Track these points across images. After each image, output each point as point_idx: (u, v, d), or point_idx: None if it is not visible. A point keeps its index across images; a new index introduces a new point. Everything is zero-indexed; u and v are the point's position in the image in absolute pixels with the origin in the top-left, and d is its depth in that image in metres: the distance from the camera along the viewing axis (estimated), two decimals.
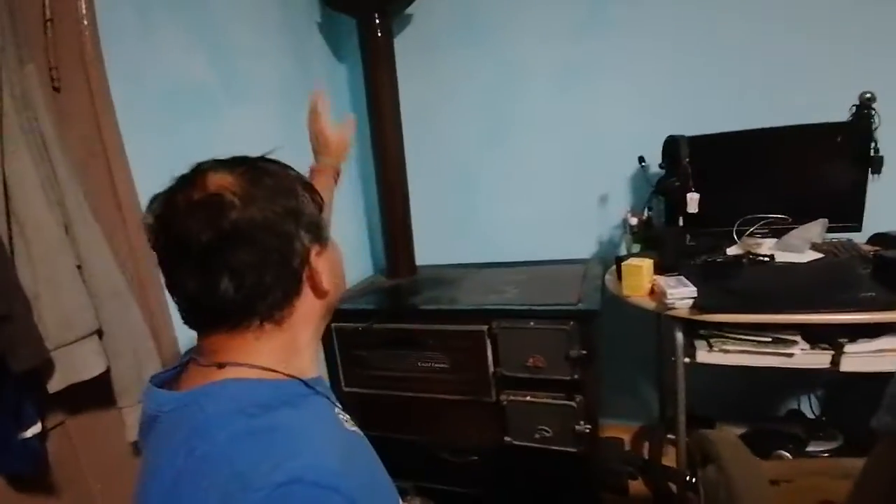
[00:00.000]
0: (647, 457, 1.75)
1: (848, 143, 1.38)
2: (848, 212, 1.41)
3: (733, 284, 1.21)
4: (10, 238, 0.81)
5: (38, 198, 0.84)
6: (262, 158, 0.53)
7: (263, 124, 1.54)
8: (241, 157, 0.52)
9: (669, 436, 1.71)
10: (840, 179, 1.41)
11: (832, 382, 1.63)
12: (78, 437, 1.02)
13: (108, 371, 0.96)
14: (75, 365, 0.87)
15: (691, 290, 1.17)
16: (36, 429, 0.87)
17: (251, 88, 1.51)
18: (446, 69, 1.87)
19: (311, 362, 0.54)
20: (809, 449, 1.38)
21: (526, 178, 1.86)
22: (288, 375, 0.49)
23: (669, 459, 1.66)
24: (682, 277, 1.25)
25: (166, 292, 0.50)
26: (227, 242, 0.44)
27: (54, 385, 0.86)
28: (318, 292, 0.52)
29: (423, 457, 1.60)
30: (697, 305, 1.15)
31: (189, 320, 0.49)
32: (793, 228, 1.40)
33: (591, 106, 1.71)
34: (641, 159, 1.55)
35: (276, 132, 1.56)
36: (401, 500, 0.55)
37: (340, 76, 1.99)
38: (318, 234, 0.52)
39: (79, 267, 0.89)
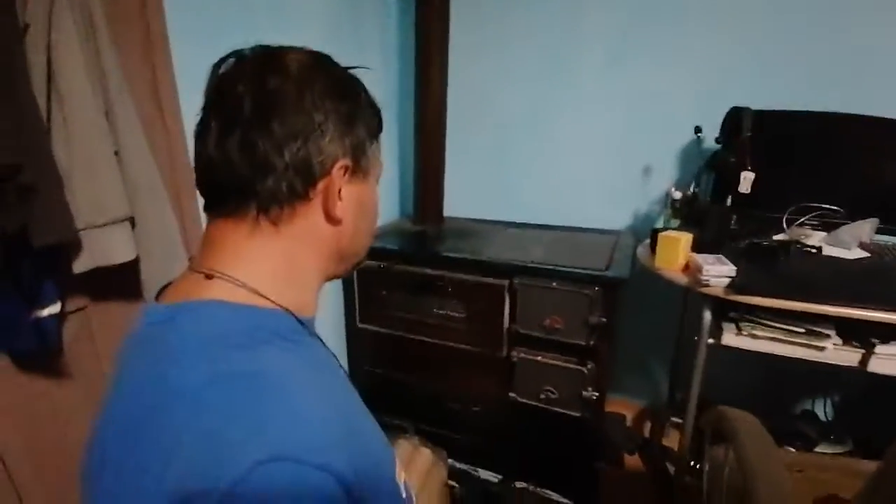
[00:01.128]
0: (647, 436, 1.74)
1: None
2: None
3: (776, 269, 1.15)
4: (49, 112, 0.80)
5: (81, 74, 0.81)
6: (350, 67, 0.51)
7: (309, 42, 1.49)
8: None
9: (674, 419, 1.70)
10: (893, 180, 1.31)
11: (850, 387, 1.58)
12: (98, 323, 1.05)
13: (135, 263, 0.96)
14: (104, 248, 0.87)
15: (730, 269, 1.12)
16: (54, 309, 0.86)
17: (296, 14, 1.45)
18: (501, 24, 1.77)
19: (309, 302, 0.49)
20: (818, 450, 1.35)
21: (569, 140, 1.78)
22: (281, 306, 0.44)
23: (670, 442, 1.65)
24: (721, 256, 1.19)
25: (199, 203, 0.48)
26: (257, 105, 0.42)
27: (80, 265, 0.86)
28: (330, 215, 0.46)
29: (426, 401, 1.62)
30: (734, 285, 1.10)
31: (204, 196, 0.46)
32: (844, 223, 1.31)
33: (650, 70, 1.61)
34: (698, 129, 1.46)
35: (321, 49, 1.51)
36: (396, 455, 0.50)
37: (391, 15, 1.90)
38: (357, 155, 0.48)
39: (116, 153, 0.88)
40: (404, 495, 0.48)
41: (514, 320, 1.41)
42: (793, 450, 1.36)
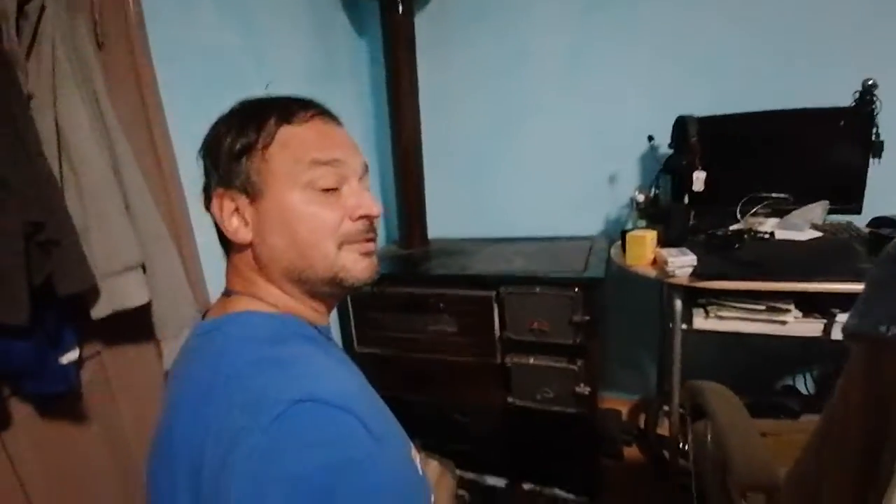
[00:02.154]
0: (642, 427, 1.82)
1: (850, 128, 1.42)
2: (849, 194, 1.46)
3: (733, 255, 1.27)
4: (61, 173, 0.88)
5: (88, 137, 0.89)
6: (274, 98, 0.56)
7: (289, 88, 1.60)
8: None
9: (665, 408, 1.78)
10: (842, 163, 1.46)
11: (828, 360, 1.69)
12: (112, 366, 1.10)
13: (146, 308, 1.03)
14: (121, 293, 0.95)
15: (692, 259, 1.24)
16: (73, 355, 0.92)
17: (279, 66, 1.58)
18: (462, 52, 1.92)
19: (316, 315, 0.57)
20: (801, 420, 1.45)
21: (537, 157, 1.92)
22: (293, 314, 0.54)
23: (664, 430, 1.74)
24: (684, 249, 1.31)
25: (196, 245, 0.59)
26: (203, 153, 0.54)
27: (99, 311, 0.93)
28: (234, 242, 0.53)
29: (429, 415, 1.68)
30: (696, 273, 1.21)
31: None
32: (794, 209, 1.45)
33: (601, 87, 1.76)
34: (650, 138, 1.60)
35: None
36: (412, 448, 0.55)
37: (362, 54, 2.05)
38: (228, 179, 0.52)
39: (126, 208, 0.96)
40: (420, 473, 0.54)
41: (504, 328, 1.50)
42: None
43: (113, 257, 0.92)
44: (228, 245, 0.55)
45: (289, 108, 0.53)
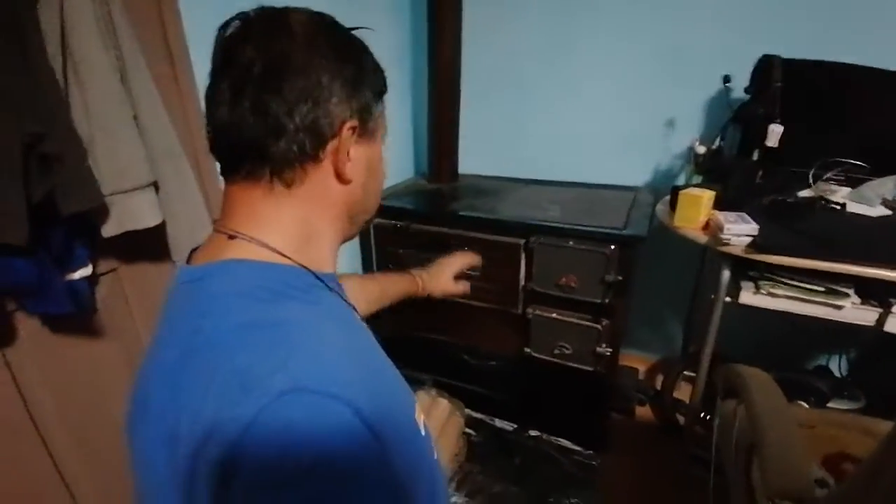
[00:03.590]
0: (659, 388, 1.79)
1: None
2: None
3: (798, 227, 1.13)
4: (66, 80, 0.79)
5: (94, 39, 0.80)
6: (353, 28, 0.51)
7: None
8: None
9: (686, 372, 1.73)
10: None
11: (866, 344, 1.58)
12: (129, 283, 1.09)
13: (163, 226, 0.98)
14: (131, 213, 0.89)
15: (752, 227, 1.10)
16: (85, 271, 0.89)
17: None
18: None
19: (327, 258, 0.52)
20: (830, 405, 1.37)
21: (587, 91, 1.72)
22: (299, 264, 0.47)
23: (681, 394, 1.70)
24: (744, 214, 1.17)
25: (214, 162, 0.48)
26: (267, 68, 0.43)
27: (109, 230, 0.89)
28: (340, 175, 0.48)
29: (444, 355, 1.68)
30: (756, 244, 1.08)
31: (219, 160, 0.48)
32: (869, 179, 1.27)
33: (676, 15, 1.51)
34: (727, 79, 1.39)
35: (334, 7, 1.45)
36: (416, 400, 0.53)
37: None
38: (364, 117, 0.49)
39: (134, 118, 0.88)
40: (423, 433, 0.51)
41: (529, 279, 1.42)
42: (805, 405, 1.38)
43: (121, 175, 0.85)
44: (271, 174, 0.45)
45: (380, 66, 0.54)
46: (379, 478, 0.37)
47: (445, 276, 1.14)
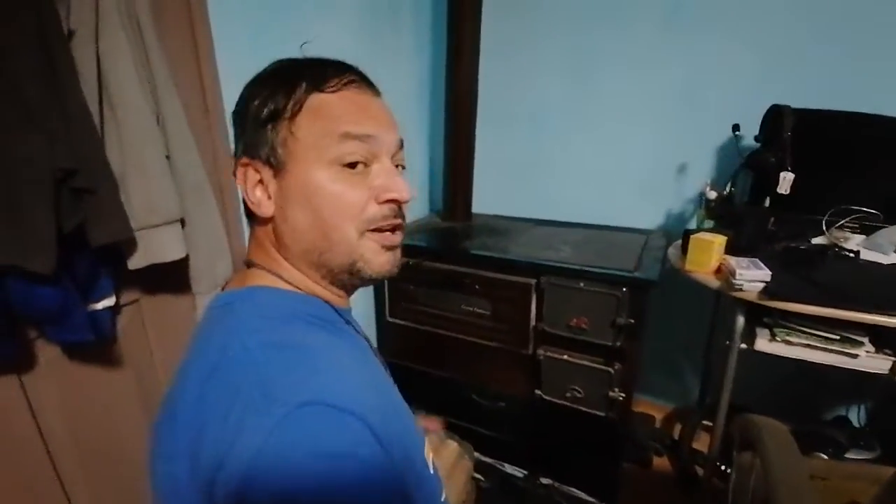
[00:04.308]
0: (676, 438, 1.72)
1: None
2: None
3: (811, 274, 1.12)
4: (102, 117, 0.85)
5: (132, 80, 0.85)
6: (309, 60, 0.50)
7: (345, 37, 1.53)
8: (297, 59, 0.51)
9: (705, 422, 1.67)
10: None
11: (884, 393, 1.51)
12: (149, 314, 1.12)
13: (184, 259, 1.02)
14: (157, 247, 0.94)
15: (764, 273, 1.09)
16: (108, 302, 0.92)
17: (336, 3, 1.48)
18: (534, 14, 1.76)
19: (330, 296, 0.52)
20: (848, 456, 1.32)
21: (601, 135, 1.76)
22: (313, 294, 0.50)
23: (700, 445, 1.63)
24: (756, 260, 1.16)
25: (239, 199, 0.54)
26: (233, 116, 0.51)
27: (135, 263, 0.93)
28: (256, 215, 0.50)
29: (453, 395, 1.66)
30: (769, 290, 1.07)
31: None
32: (883, 226, 1.26)
33: (688, 65, 1.57)
34: (736, 127, 1.42)
35: (358, 46, 1.55)
36: (427, 445, 0.52)
37: (424, 8, 1.92)
38: (251, 151, 0.48)
39: (167, 157, 0.94)
40: (432, 472, 0.52)
41: (540, 319, 1.42)
42: (824, 456, 1.32)
43: (151, 211, 0.90)
44: (251, 216, 0.52)
45: (322, 73, 0.48)
46: (390, 491, 0.38)
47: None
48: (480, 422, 1.64)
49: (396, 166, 0.52)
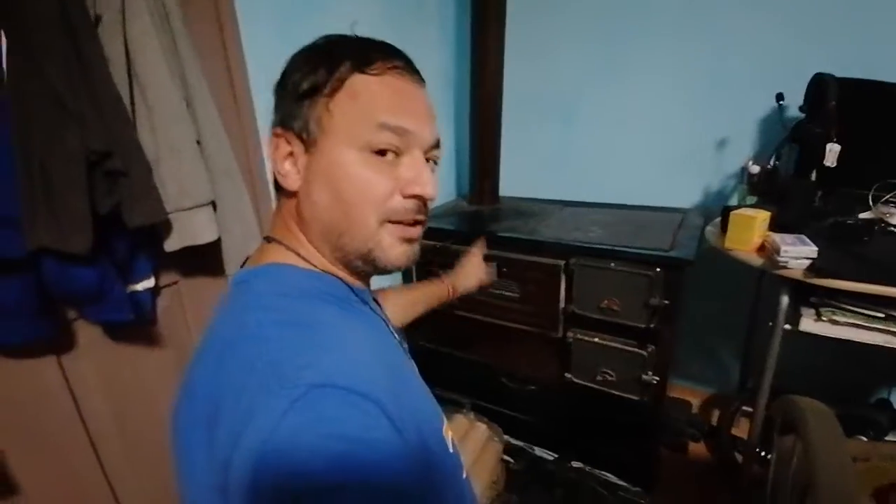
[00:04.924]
0: (715, 424, 1.67)
1: None
2: None
3: (859, 251, 1.05)
4: (133, 102, 0.87)
5: (160, 64, 0.87)
6: (357, 39, 0.51)
7: (368, 23, 1.52)
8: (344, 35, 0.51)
9: (745, 408, 1.61)
10: None
11: None
12: (188, 296, 1.17)
13: (219, 242, 1.05)
14: (191, 230, 0.97)
15: (811, 250, 1.03)
16: (148, 283, 0.96)
17: None
18: None
19: (351, 278, 0.52)
20: (889, 438, 1.24)
21: (634, 111, 1.69)
22: (330, 273, 0.50)
23: (739, 432, 1.57)
24: (802, 237, 1.09)
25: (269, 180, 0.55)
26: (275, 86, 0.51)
27: (171, 245, 0.97)
28: (283, 187, 0.50)
29: (483, 378, 1.65)
30: (816, 267, 1.01)
31: None
32: None
33: (728, 30, 1.47)
34: (780, 97, 1.33)
35: (381, 31, 1.53)
36: (445, 419, 0.52)
37: None
38: (288, 123, 0.48)
39: (197, 142, 0.96)
40: (451, 451, 0.51)
41: (570, 301, 1.39)
42: (864, 438, 1.26)
43: (184, 194, 0.93)
44: (279, 188, 0.52)
45: (368, 54, 0.47)
46: (403, 472, 0.37)
47: (472, 268, 1.15)
48: (510, 405, 1.63)
49: (428, 161, 0.51)
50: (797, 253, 1.04)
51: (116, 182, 0.79)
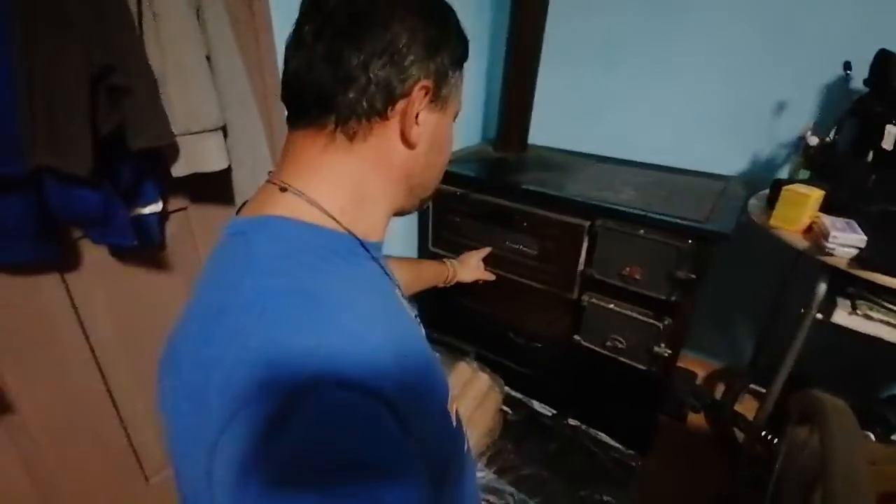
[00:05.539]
0: (718, 397, 1.66)
1: None
2: None
3: None
4: (140, 13, 0.79)
5: None
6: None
7: None
8: None
9: (753, 386, 1.59)
10: None
11: None
12: (197, 223, 1.13)
13: (229, 171, 1.00)
14: (199, 155, 0.91)
15: (860, 238, 0.95)
16: (155, 207, 0.92)
17: None
18: None
19: (376, 226, 0.50)
20: (894, 437, 1.21)
21: (682, 64, 1.53)
22: (346, 229, 0.45)
23: (741, 409, 1.57)
24: (852, 222, 1.00)
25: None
26: (348, 17, 0.43)
27: (178, 170, 0.91)
28: (406, 137, 0.46)
29: (490, 330, 1.64)
30: (863, 258, 0.93)
31: (287, 107, 0.48)
32: None
33: None
34: (847, 66, 1.18)
35: None
36: (451, 395, 0.50)
37: None
38: (439, 81, 0.47)
39: (207, 58, 0.88)
40: (454, 425, 0.50)
41: (590, 264, 1.33)
42: (871, 435, 1.24)
43: (191, 116, 0.87)
44: (350, 134, 0.45)
45: (466, 46, 0.52)
46: (406, 472, 0.35)
47: (474, 263, 1.30)
48: (515, 358, 1.63)
49: None
50: (846, 240, 0.96)
51: (120, 100, 0.73)
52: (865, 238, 0.96)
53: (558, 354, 1.52)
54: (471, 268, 1.29)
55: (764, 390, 1.51)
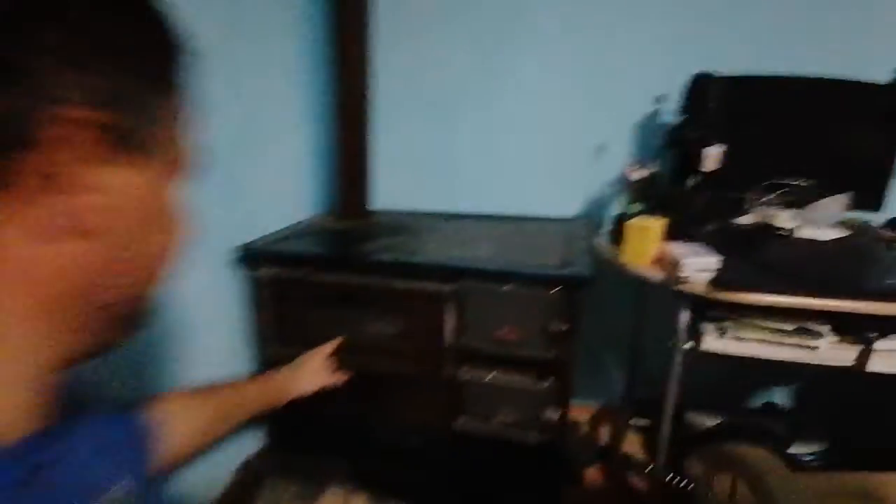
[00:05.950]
0: (605, 442, 1.60)
1: (885, 110, 1.19)
2: (870, 189, 1.23)
3: (757, 258, 1.01)
4: None
5: None
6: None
7: None
8: None
9: (633, 422, 1.57)
10: (867, 151, 1.23)
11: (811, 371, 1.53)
12: None
13: None
14: None
15: (712, 261, 0.95)
16: None
17: None
18: None
19: (10, 410, 0.27)
20: (793, 451, 1.24)
21: (512, 115, 1.56)
22: None
23: (630, 445, 1.52)
24: (697, 246, 1.03)
25: None
26: None
27: None
28: (68, 222, 0.27)
29: (359, 436, 1.34)
30: (719, 280, 0.93)
31: None
32: (811, 199, 1.21)
33: (605, 33, 1.43)
34: (659, 99, 1.30)
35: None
36: None
37: None
38: (126, 110, 0.28)
39: None
40: None
41: (460, 333, 1.17)
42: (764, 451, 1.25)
43: None
44: None
45: None
46: None
47: (316, 366, 0.93)
48: (394, 464, 1.34)
49: None
50: (699, 265, 0.96)
51: None
52: (718, 260, 0.97)
53: (442, 448, 1.29)
54: (310, 373, 0.94)
55: (644, 422, 1.49)
